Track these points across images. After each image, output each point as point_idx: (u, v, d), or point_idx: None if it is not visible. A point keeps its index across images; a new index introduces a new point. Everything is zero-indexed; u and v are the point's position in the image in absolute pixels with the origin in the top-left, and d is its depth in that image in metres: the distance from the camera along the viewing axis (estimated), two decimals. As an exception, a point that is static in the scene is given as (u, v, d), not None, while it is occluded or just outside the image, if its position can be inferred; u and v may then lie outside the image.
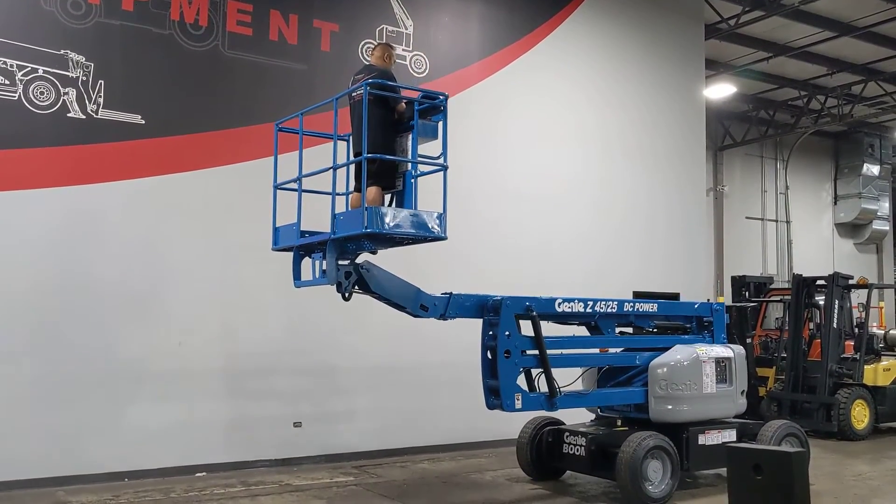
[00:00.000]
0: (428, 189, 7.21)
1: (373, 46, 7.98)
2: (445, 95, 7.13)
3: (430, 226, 6.89)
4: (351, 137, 7.51)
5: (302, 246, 7.43)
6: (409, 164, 7.15)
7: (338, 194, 7.22)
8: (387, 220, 6.65)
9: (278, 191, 7.86)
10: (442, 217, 6.97)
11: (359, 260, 7.32)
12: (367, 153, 6.84)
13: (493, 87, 12.20)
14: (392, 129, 7.24)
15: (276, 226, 7.77)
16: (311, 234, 7.31)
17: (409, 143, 7.19)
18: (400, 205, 7.17)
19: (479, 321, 7.97)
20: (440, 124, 7.19)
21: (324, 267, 7.13)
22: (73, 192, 9.04)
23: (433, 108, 7.15)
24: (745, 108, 21.16)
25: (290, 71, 10.45)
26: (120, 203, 9.28)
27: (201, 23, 9.88)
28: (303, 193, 7.46)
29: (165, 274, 9.50)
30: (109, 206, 9.23)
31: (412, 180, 7.17)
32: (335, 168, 7.19)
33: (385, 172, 7.13)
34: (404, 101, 7.25)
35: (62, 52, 9.06)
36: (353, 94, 7.25)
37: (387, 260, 7.60)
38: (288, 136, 7.89)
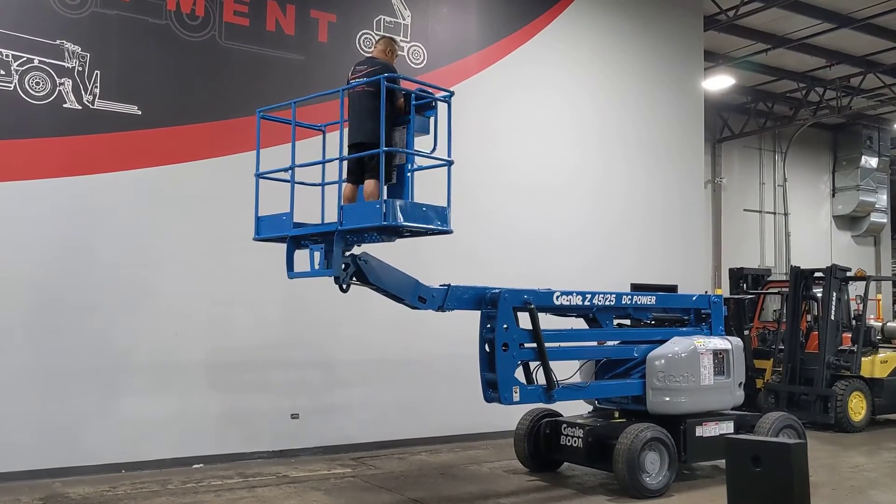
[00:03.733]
0: (423, 182, 7.19)
1: (376, 39, 7.94)
2: (451, 92, 7.14)
3: (438, 219, 6.91)
4: (348, 128, 7.42)
5: (295, 237, 7.37)
6: (405, 158, 7.15)
7: (327, 184, 7.20)
8: (403, 212, 6.65)
9: (266, 180, 7.73)
10: (447, 210, 6.99)
11: (356, 251, 7.29)
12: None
13: (491, 78, 12.16)
14: (391, 123, 7.22)
15: (259, 215, 7.56)
16: (304, 225, 7.27)
17: (403, 136, 7.20)
18: (393, 197, 7.15)
19: (478, 313, 7.95)
20: (431, 119, 7.18)
21: (319, 259, 7.10)
22: (68, 184, 9.00)
23: (427, 104, 7.16)
24: (744, 99, 21.13)
25: (287, 61, 10.41)
26: (116, 194, 9.25)
27: (198, 13, 9.82)
28: (286, 184, 7.40)
29: (162, 265, 9.47)
30: (106, 198, 9.19)
31: (408, 174, 7.17)
32: (341, 160, 7.14)
33: (388, 167, 7.10)
34: (403, 94, 7.22)
35: (58, 42, 9.01)
36: (357, 87, 7.20)
37: (385, 251, 7.58)
38: (281, 128, 7.82)
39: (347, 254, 7.15)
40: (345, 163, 7.36)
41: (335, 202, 7.29)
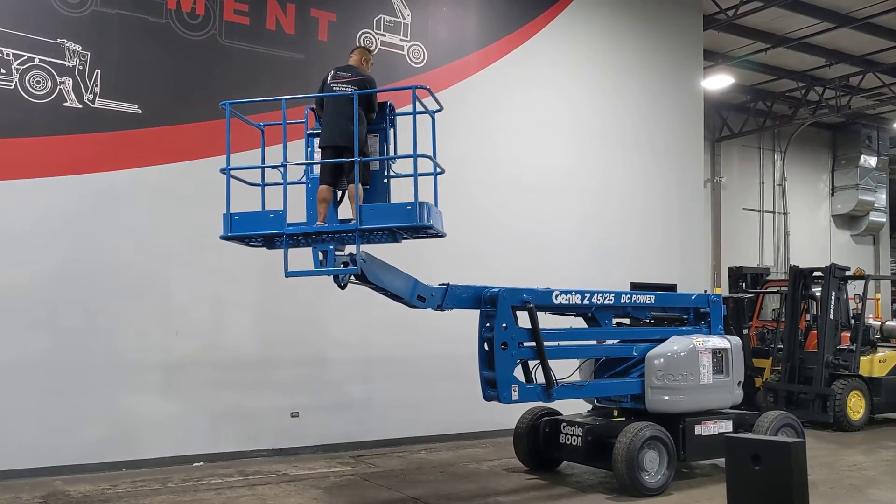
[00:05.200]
0: (404, 186, 7.24)
1: (351, 49, 7.97)
2: (439, 108, 7.27)
3: (440, 223, 7.02)
4: (325, 131, 7.37)
5: (291, 236, 7.32)
6: (377, 164, 7.29)
7: (293, 183, 7.22)
8: (430, 214, 6.78)
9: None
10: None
11: (353, 251, 7.29)
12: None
13: (490, 77, 12.18)
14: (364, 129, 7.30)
15: (231, 212, 7.20)
16: (315, 224, 7.27)
17: (377, 143, 7.35)
18: (366, 202, 7.20)
19: (477, 312, 7.97)
20: (391, 131, 7.37)
21: (327, 257, 7.12)
22: (69, 182, 9.01)
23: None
24: (743, 99, 21.14)
25: (287, 61, 10.42)
26: (117, 193, 9.27)
27: (198, 12, 9.84)
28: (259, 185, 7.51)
29: (163, 264, 9.49)
30: (106, 196, 9.21)
31: (384, 181, 7.28)
32: (357, 161, 7.12)
33: (364, 171, 7.15)
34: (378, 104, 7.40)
35: (58, 40, 9.03)
36: (335, 89, 7.23)
37: (383, 250, 7.59)
38: (271, 130, 7.79)
39: (347, 252, 7.18)
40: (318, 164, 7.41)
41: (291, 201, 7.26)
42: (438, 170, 7.11)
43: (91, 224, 9.11)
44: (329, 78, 7.38)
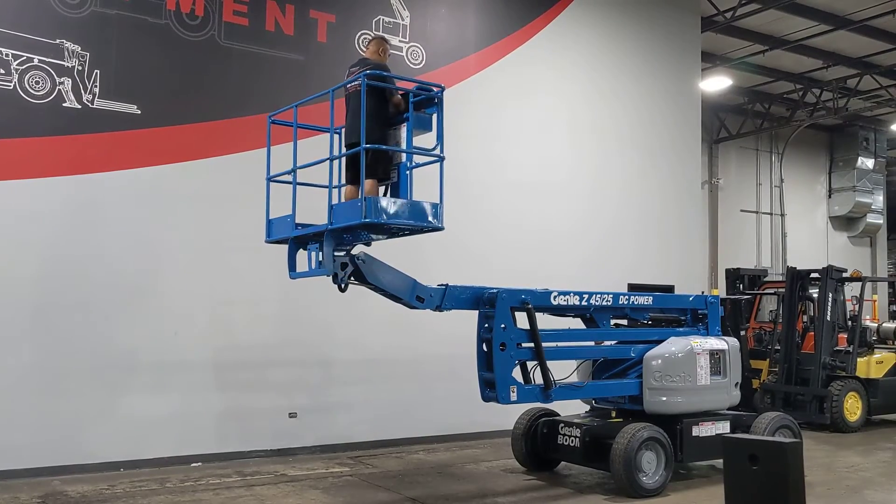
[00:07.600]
0: (424, 180, 7.23)
1: (368, 39, 7.99)
2: (442, 88, 7.14)
3: (427, 216, 6.89)
4: (344, 129, 7.46)
5: (297, 238, 7.42)
6: (404, 156, 7.17)
7: (333, 186, 7.23)
8: (385, 209, 6.66)
9: (273, 182, 7.81)
10: (439, 207, 6.98)
11: (354, 251, 7.33)
12: (364, 145, 6.86)
13: (489, 78, 12.20)
14: (386, 122, 7.25)
15: (270, 218, 7.72)
16: (306, 225, 7.31)
17: (403, 134, 7.22)
18: (395, 196, 7.18)
19: (476, 313, 7.98)
20: (434, 116, 7.17)
21: (320, 258, 7.13)
22: (68, 183, 9.02)
23: (427, 100, 7.16)
24: (741, 100, 21.17)
25: (286, 61, 10.44)
26: (116, 193, 9.27)
27: (197, 13, 9.85)
28: (298, 186, 7.43)
29: (161, 264, 9.50)
30: (105, 197, 9.22)
31: (407, 172, 7.19)
32: (332, 159, 7.19)
33: (381, 164, 7.13)
34: (400, 92, 7.25)
35: (58, 41, 9.03)
36: (349, 87, 7.25)
37: (385, 249, 7.62)
38: (282, 126, 7.87)
39: (344, 253, 7.19)
40: (342, 164, 7.40)
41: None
42: (437, 158, 7.04)
43: (90, 224, 9.11)
44: (346, 76, 7.41)
